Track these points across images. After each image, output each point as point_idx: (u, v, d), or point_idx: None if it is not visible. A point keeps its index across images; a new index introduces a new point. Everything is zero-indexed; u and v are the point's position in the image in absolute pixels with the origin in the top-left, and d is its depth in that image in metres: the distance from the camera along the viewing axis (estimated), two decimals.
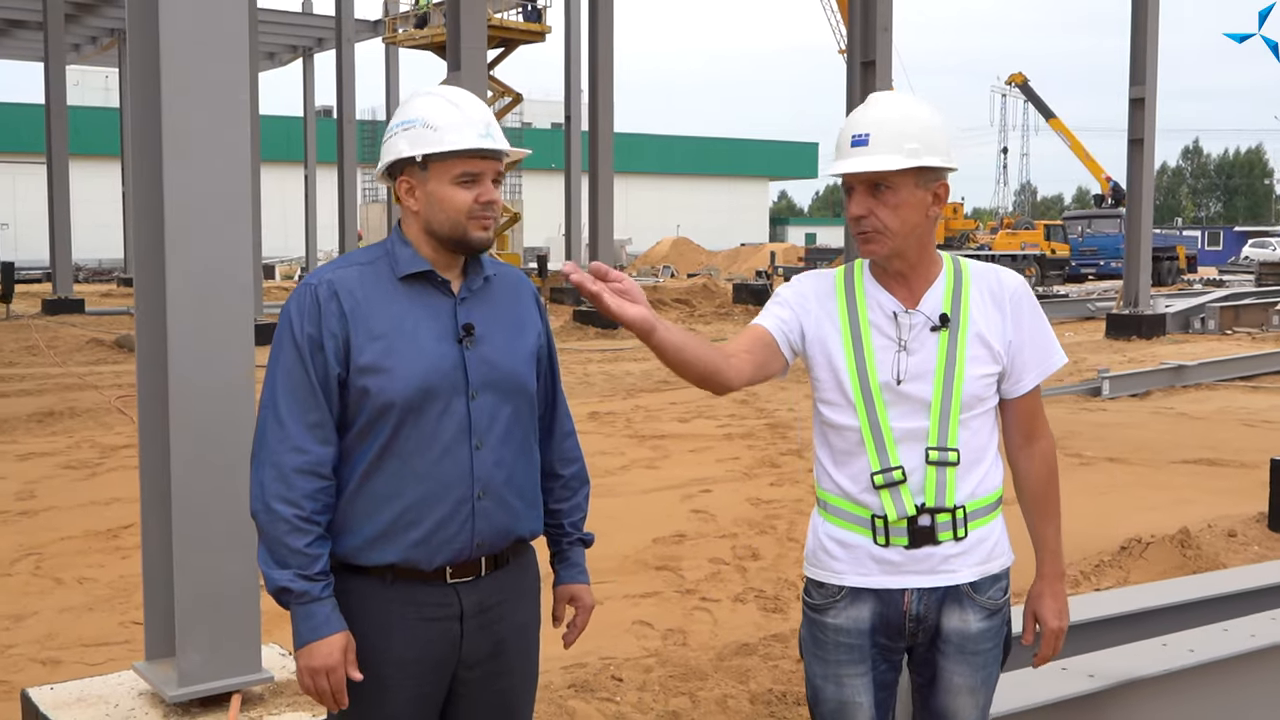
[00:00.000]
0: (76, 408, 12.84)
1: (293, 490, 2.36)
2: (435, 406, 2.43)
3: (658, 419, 12.38)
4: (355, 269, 2.48)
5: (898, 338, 2.58)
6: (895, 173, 2.51)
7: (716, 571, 6.73)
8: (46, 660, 5.36)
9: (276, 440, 2.38)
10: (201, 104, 3.54)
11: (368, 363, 2.40)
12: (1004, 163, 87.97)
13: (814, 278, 2.72)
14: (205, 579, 3.54)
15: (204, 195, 3.54)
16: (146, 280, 3.63)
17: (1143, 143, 21.93)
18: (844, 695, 2.63)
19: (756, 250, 57.15)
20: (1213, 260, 62.55)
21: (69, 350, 18.91)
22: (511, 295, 2.62)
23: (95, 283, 41.67)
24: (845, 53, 19.45)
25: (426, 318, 2.47)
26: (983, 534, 2.60)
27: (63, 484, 9.05)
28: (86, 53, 36.23)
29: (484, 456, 2.47)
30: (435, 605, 2.47)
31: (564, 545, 2.76)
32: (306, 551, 2.35)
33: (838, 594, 2.62)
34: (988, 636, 2.62)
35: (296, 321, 2.42)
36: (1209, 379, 15.29)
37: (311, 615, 2.36)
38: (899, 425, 2.55)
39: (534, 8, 28.85)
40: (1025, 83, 56.96)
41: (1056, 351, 2.67)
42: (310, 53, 39.10)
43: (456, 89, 2.56)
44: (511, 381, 2.53)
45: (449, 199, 2.45)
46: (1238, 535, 7.22)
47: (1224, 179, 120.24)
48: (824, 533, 2.65)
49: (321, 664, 2.35)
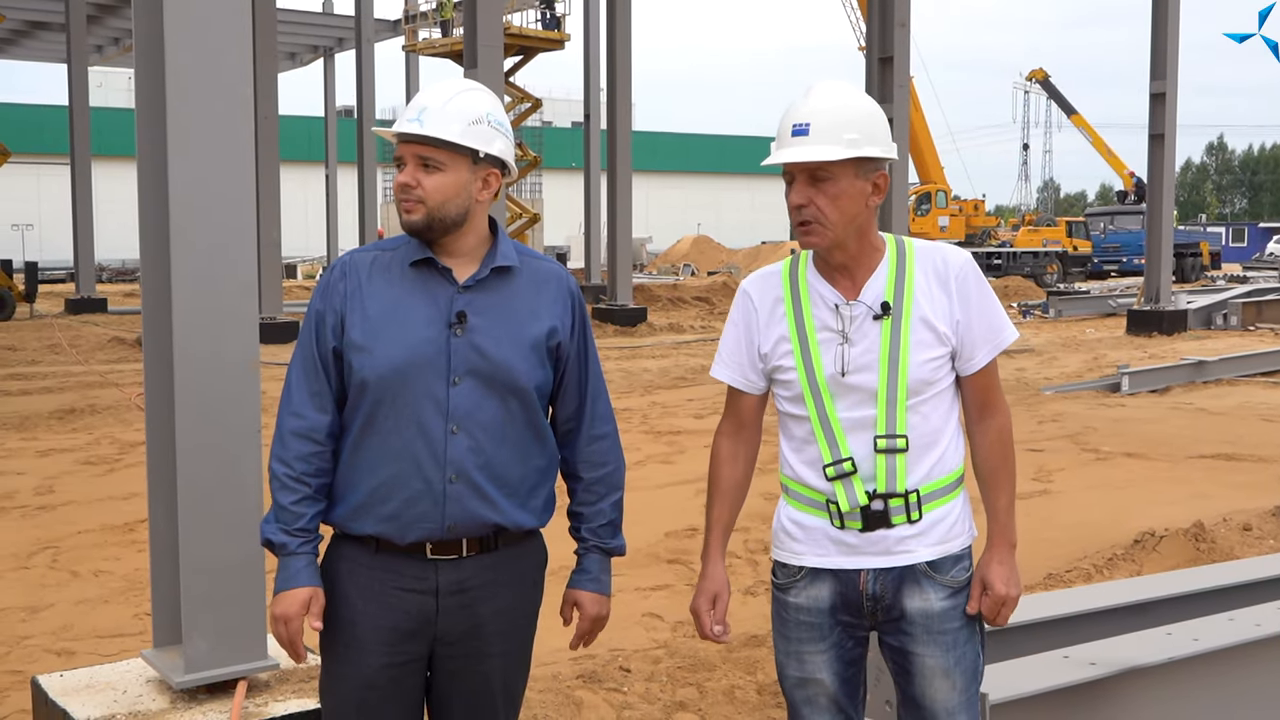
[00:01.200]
0: (97, 405, 12.96)
1: (287, 451, 2.54)
2: (413, 388, 2.50)
3: (674, 415, 12.39)
4: (373, 253, 2.62)
5: (840, 330, 2.60)
6: (835, 163, 2.52)
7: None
8: (61, 651, 5.41)
9: (284, 405, 2.58)
10: (203, 97, 3.57)
11: (355, 340, 2.53)
12: (1025, 159, 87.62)
13: (761, 285, 2.74)
14: (211, 567, 3.57)
15: (206, 189, 3.57)
16: (152, 271, 3.67)
17: (1163, 138, 21.81)
18: (805, 672, 2.69)
19: (777, 248, 57.06)
20: (1237, 256, 62.14)
21: (91, 349, 19.08)
22: (533, 288, 2.63)
23: (118, 282, 41.99)
24: (864, 49, 19.39)
25: (423, 303, 2.54)
26: (940, 514, 2.63)
27: (82, 479, 9.14)
28: (109, 54, 36.47)
29: (459, 441, 2.52)
30: (412, 578, 2.56)
31: (581, 550, 2.78)
32: (291, 508, 2.52)
33: (798, 574, 2.68)
34: (953, 615, 2.63)
35: (315, 297, 2.60)
36: (1229, 374, 15.21)
37: (287, 567, 2.54)
38: (846, 416, 2.59)
39: (553, 16, 28.86)
40: (1046, 79, 56.66)
41: (1007, 327, 2.68)
42: (331, 53, 39.26)
43: (448, 81, 2.63)
44: (501, 372, 2.55)
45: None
46: (1253, 529, 7.18)
47: (1249, 175, 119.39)
48: (785, 515, 2.71)
49: (281, 611, 2.53)
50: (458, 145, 2.50)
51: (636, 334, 22.60)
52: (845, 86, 2.61)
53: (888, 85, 17.84)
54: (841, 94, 2.58)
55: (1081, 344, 20.63)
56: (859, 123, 2.53)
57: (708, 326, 24.75)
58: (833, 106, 2.54)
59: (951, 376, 2.65)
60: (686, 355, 18.80)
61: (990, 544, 2.69)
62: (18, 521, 7.77)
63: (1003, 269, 38.57)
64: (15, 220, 49.89)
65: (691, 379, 15.62)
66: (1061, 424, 11.70)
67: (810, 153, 2.51)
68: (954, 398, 2.67)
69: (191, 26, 3.55)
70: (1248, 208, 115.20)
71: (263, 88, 19.72)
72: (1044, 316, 26.97)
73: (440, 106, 2.51)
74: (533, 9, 28.83)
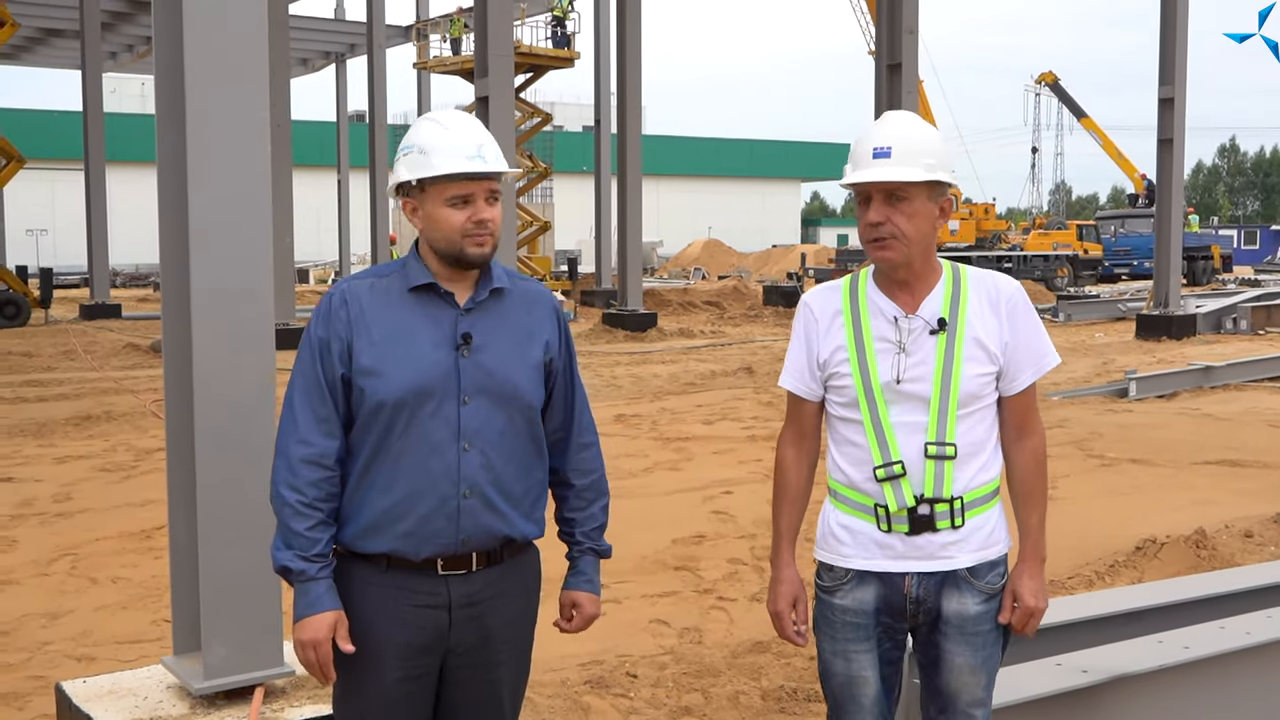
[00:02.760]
0: (113, 411, 13.09)
1: (297, 478, 2.59)
2: (426, 408, 2.61)
3: (683, 421, 12.48)
4: (369, 280, 2.70)
5: (897, 341, 2.78)
6: (912, 184, 2.73)
7: (734, 571, 6.83)
8: (81, 657, 5.53)
9: (289, 432, 2.63)
10: (222, 121, 3.69)
11: (365, 365, 2.62)
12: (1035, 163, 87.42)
13: (821, 297, 2.93)
14: (229, 575, 3.68)
15: (225, 210, 3.69)
16: (172, 285, 3.78)
17: (1172, 143, 21.86)
18: (851, 670, 2.84)
19: (788, 252, 57.15)
20: (1249, 259, 62.05)
21: (106, 355, 19.24)
22: (524, 308, 2.77)
23: (133, 288, 42.24)
24: (874, 54, 19.47)
25: (427, 326, 2.65)
26: (980, 522, 2.80)
27: (99, 486, 9.26)
28: (123, 60, 36.70)
29: (471, 458, 2.64)
30: (425, 593, 2.65)
31: (575, 553, 2.91)
32: (307, 534, 2.58)
33: (845, 576, 2.84)
34: (986, 619, 2.81)
35: (315, 325, 2.67)
36: (1237, 380, 15.24)
37: (307, 592, 2.58)
38: (899, 421, 2.76)
39: (563, 34, 28.97)
40: (1056, 82, 56.67)
41: (1050, 353, 2.89)
42: (343, 58, 39.47)
43: (453, 112, 2.73)
44: (508, 389, 2.68)
45: (444, 220, 2.63)
46: (1254, 536, 7.26)
47: (1261, 177, 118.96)
48: (833, 519, 2.87)
49: (310, 637, 2.57)
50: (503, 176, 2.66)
51: (647, 339, 22.68)
52: (916, 117, 2.86)
53: (896, 91, 17.93)
54: (916, 123, 2.83)
55: (1091, 349, 20.67)
56: (934, 150, 2.77)
57: (718, 331, 24.84)
58: (911, 134, 2.77)
59: (995, 394, 2.84)
60: (696, 361, 18.89)
61: (1022, 558, 2.86)
62: (36, 529, 7.90)
63: (1013, 272, 38.53)
64: (30, 226, 50.17)
65: (701, 384, 15.71)
66: (1068, 429, 11.77)
67: (895, 173, 2.72)
68: (995, 414, 2.85)
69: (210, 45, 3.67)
70: (1261, 210, 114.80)
71: (275, 93, 19.86)
72: (1053, 321, 27.00)
73: (490, 140, 2.67)
74: (542, 26, 28.89)
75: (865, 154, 2.77)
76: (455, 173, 2.59)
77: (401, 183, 2.66)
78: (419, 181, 2.62)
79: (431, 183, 2.62)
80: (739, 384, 15.68)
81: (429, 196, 2.63)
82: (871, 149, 2.76)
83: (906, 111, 2.92)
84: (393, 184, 2.70)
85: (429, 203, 2.64)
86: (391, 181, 2.71)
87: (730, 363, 18.21)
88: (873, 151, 2.75)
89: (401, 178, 2.66)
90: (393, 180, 2.70)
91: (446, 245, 2.64)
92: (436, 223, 2.63)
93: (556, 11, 28.80)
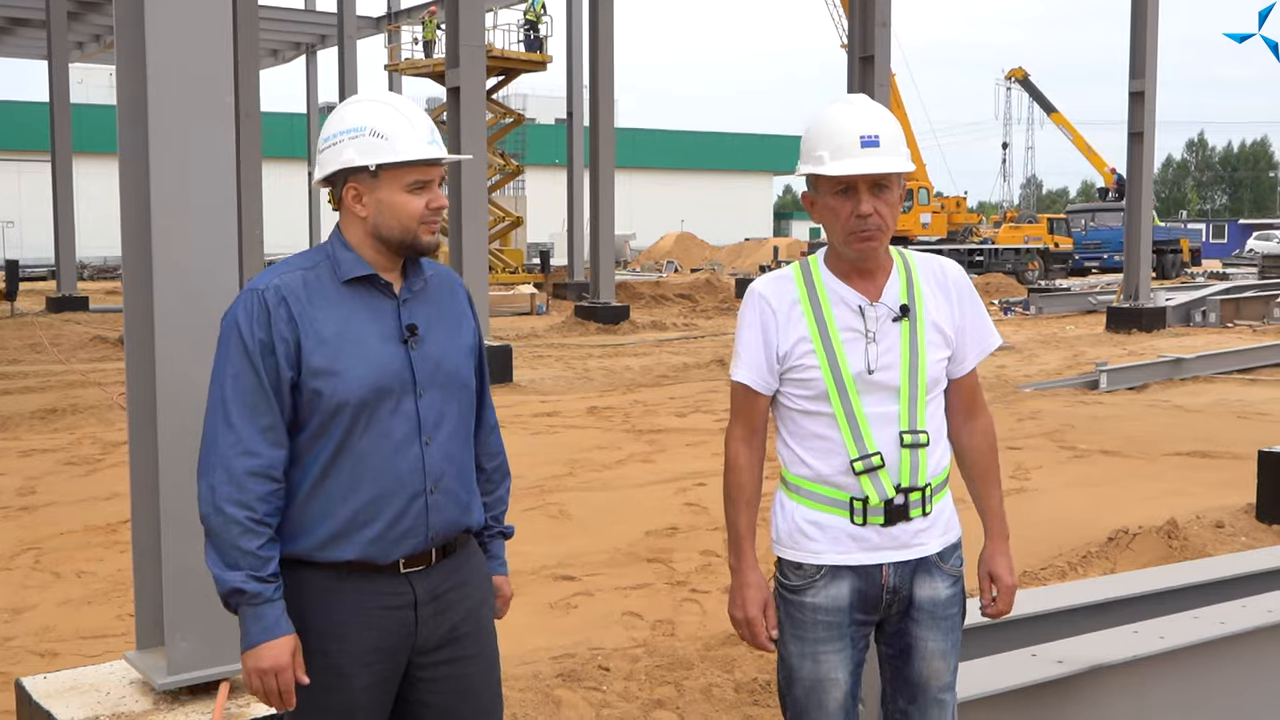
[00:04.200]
0: (79, 404, 12.95)
1: (245, 493, 2.41)
2: (386, 406, 2.51)
3: (655, 413, 12.45)
4: (299, 274, 2.53)
5: (864, 329, 2.72)
6: (893, 174, 2.69)
7: (707, 564, 6.80)
8: (45, 652, 5.45)
9: (228, 444, 2.42)
10: (186, 108, 3.62)
11: (318, 365, 2.46)
12: (1005, 158, 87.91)
13: (775, 286, 2.81)
14: (193, 570, 3.59)
15: (188, 199, 3.62)
16: (134, 277, 3.71)
17: (1143, 136, 21.95)
18: (820, 672, 2.75)
19: (760, 245, 57.18)
20: (1217, 253, 62.47)
21: (72, 347, 19.04)
22: (448, 294, 2.70)
23: (100, 280, 41.82)
24: (846, 47, 19.47)
25: (371, 320, 2.54)
26: (942, 506, 2.79)
27: (64, 480, 9.15)
28: (90, 51, 36.34)
29: (434, 452, 2.56)
30: (390, 594, 2.54)
31: (485, 538, 2.82)
32: (259, 553, 2.41)
33: (816, 573, 2.75)
34: (954, 602, 2.81)
35: (245, 326, 2.46)
36: (1206, 372, 15.32)
37: (262, 617, 2.41)
38: (872, 412, 2.71)
39: (536, 37, 28.75)
40: (1026, 78, 56.95)
41: (994, 334, 2.88)
42: (313, 49, 39.20)
43: (397, 96, 2.62)
44: (454, 378, 2.63)
45: (401, 206, 2.52)
46: (1225, 526, 7.27)
47: (1229, 171, 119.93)
48: (799, 516, 2.77)
49: (271, 664, 2.41)
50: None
51: (619, 332, 22.63)
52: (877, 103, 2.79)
53: (869, 84, 17.91)
54: (886, 109, 2.76)
55: (1062, 341, 20.76)
56: (902, 137, 2.72)
57: (690, 324, 24.81)
58: (889, 121, 2.71)
59: (946, 380, 2.82)
60: (669, 353, 18.86)
61: (991, 537, 2.87)
62: (0, 523, 7.78)
63: (984, 266, 38.72)
64: None
65: (674, 377, 15.68)
66: (1040, 421, 11.80)
67: (889, 163, 2.66)
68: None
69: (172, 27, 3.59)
70: (1228, 204, 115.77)
71: (245, 84, 19.68)
72: (1025, 314, 27.11)
73: (432, 126, 2.58)
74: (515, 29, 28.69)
75: (851, 143, 2.65)
76: (421, 159, 2.51)
77: (352, 168, 2.52)
78: (377, 167, 2.50)
79: (391, 168, 2.51)
80: (712, 376, 15.65)
81: (384, 183, 2.51)
82: (859, 137, 2.65)
83: (867, 96, 2.83)
84: (334, 169, 2.53)
85: (384, 189, 2.51)
86: (333, 166, 2.53)
87: (703, 355, 18.18)
88: (861, 140, 2.65)
89: (353, 161, 2.50)
90: (336, 164, 2.53)
91: (401, 233, 2.53)
92: (393, 209, 2.52)
93: (529, 15, 28.61)
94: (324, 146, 2.57)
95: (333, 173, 2.54)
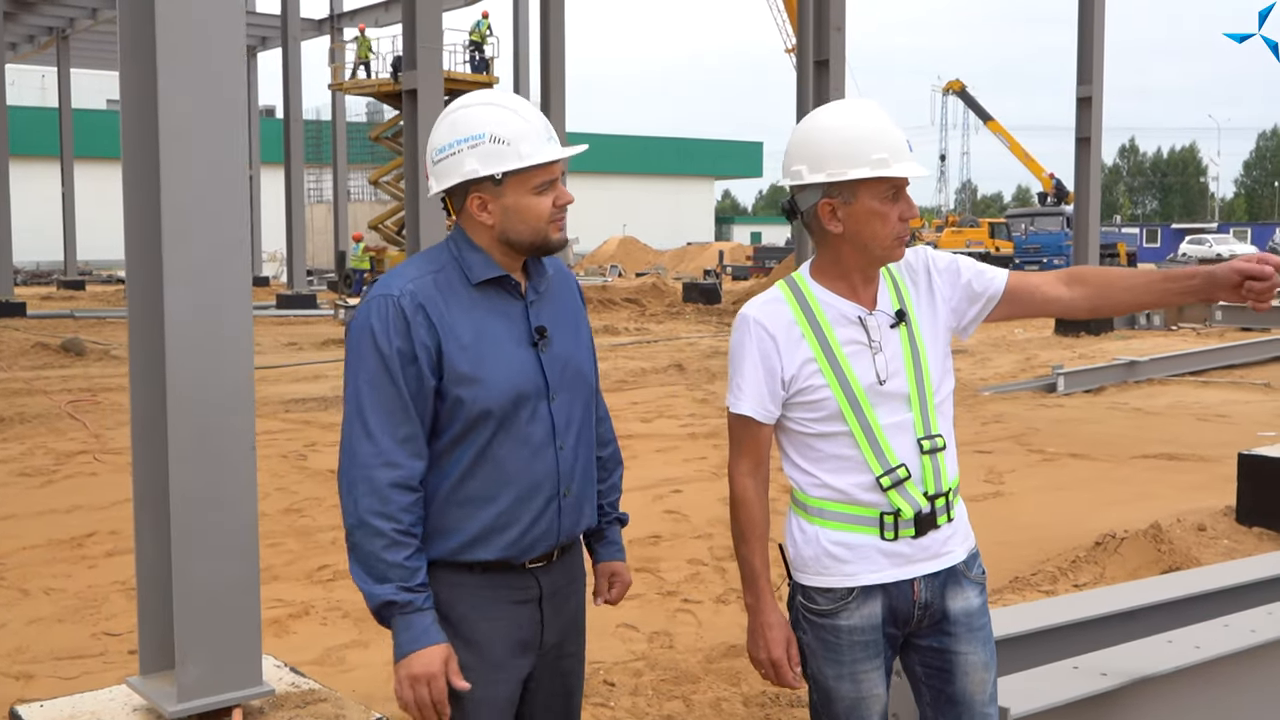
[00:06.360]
0: (25, 413, 12.59)
1: (389, 505, 2.38)
2: (524, 411, 2.48)
3: (620, 418, 12.32)
4: (429, 277, 2.47)
5: (868, 340, 2.63)
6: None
7: (696, 573, 6.70)
8: (19, 675, 5.22)
9: (368, 455, 2.39)
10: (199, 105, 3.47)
11: (463, 372, 2.42)
12: (942, 170, 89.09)
13: (769, 310, 2.66)
14: (205, 589, 3.44)
15: (201, 199, 3.45)
16: (141, 283, 3.53)
17: (1090, 141, 22.25)
18: (861, 691, 2.66)
19: (703, 249, 57.40)
20: (1152, 257, 63.56)
21: (13, 355, 18.55)
22: (566, 290, 2.67)
23: (34, 285, 40.94)
24: (793, 51, 19.51)
25: (503, 323, 2.49)
26: (961, 510, 2.73)
27: (19, 491, 8.86)
28: (23, 51, 35.56)
29: (566, 455, 2.55)
30: (521, 589, 2.54)
31: (603, 524, 2.81)
32: (406, 564, 2.38)
33: (848, 595, 2.63)
34: (984, 610, 2.73)
35: (381, 334, 2.40)
36: (1160, 374, 15.50)
37: (412, 625, 2.38)
38: (888, 423, 2.61)
39: (482, 59, 28.46)
40: (963, 89, 57.80)
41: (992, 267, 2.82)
42: (254, 51, 38.68)
43: (510, 95, 2.55)
44: (580, 379, 2.60)
45: (529, 209, 2.45)
46: (1207, 529, 7.29)
47: (1160, 177, 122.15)
48: (825, 539, 2.63)
49: (423, 671, 2.36)
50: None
51: None
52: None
53: (824, 87, 17.99)
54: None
55: (1012, 344, 20.93)
56: None
57: (642, 329, 24.74)
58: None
59: (953, 380, 2.75)
60: (624, 358, 18.75)
61: (1203, 269, 2.66)
62: None
63: None
64: None
65: (634, 382, 15.57)
66: (1005, 425, 11.85)
67: (923, 169, 2.65)
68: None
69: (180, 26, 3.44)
70: (1159, 209, 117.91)
71: None
72: None
73: (546, 121, 2.51)
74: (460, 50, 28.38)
75: (903, 145, 2.59)
76: (548, 160, 2.43)
77: (477, 179, 2.43)
78: (503, 175, 2.42)
79: (517, 173, 2.42)
80: (671, 381, 15.58)
81: (509, 188, 2.43)
82: (905, 141, 2.60)
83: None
84: (457, 180, 2.44)
85: (510, 194, 2.44)
86: (455, 178, 2.44)
87: (659, 360, 18.10)
88: (908, 145, 2.60)
89: (478, 173, 2.42)
90: (457, 176, 2.44)
91: (531, 235, 2.47)
92: (520, 213, 2.44)
93: (474, 36, 28.34)
94: (440, 157, 2.48)
95: (459, 186, 2.46)
